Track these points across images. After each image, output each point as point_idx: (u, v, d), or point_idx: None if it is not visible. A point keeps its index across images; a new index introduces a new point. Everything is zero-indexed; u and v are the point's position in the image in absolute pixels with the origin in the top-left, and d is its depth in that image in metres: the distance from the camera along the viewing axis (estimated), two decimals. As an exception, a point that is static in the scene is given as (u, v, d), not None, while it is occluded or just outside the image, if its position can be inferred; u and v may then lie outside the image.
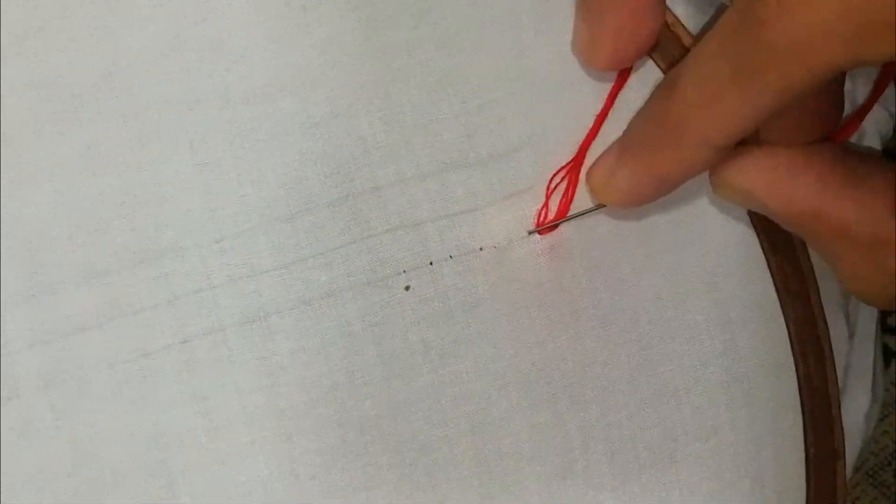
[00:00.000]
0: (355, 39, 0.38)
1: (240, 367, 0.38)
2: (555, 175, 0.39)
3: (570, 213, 0.39)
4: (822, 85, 0.31)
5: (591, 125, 0.39)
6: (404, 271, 0.39)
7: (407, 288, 0.39)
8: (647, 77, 0.39)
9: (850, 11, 0.29)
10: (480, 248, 0.39)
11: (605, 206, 0.39)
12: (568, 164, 0.39)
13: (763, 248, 0.41)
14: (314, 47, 0.38)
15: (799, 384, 0.41)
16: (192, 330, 0.38)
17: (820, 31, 0.29)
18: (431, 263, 0.39)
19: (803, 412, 0.41)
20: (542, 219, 0.39)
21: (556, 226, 0.39)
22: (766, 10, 0.30)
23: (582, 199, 0.39)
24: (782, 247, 0.41)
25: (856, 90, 0.43)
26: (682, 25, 0.39)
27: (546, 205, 0.39)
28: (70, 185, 0.37)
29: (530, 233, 0.39)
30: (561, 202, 0.39)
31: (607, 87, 0.39)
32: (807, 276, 0.41)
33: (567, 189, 0.39)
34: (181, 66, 0.37)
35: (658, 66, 0.39)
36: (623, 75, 0.39)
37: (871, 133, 0.45)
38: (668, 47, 0.39)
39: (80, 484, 0.37)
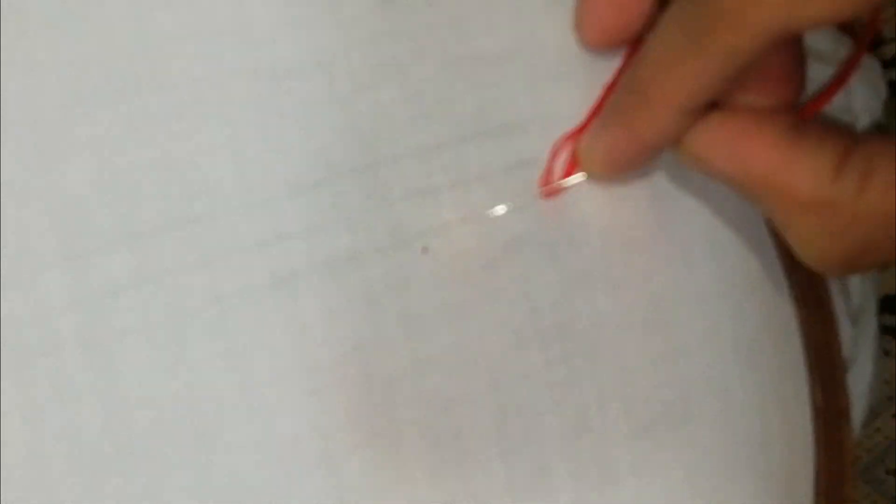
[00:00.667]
0: (376, 20, 0.40)
1: (269, 327, 0.39)
2: (559, 140, 0.41)
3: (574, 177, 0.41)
4: (772, 48, 0.33)
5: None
6: (422, 235, 0.40)
7: (425, 250, 0.40)
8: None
9: None
10: (493, 212, 0.41)
11: None
12: (573, 130, 0.41)
13: (766, 221, 0.43)
14: (339, 27, 0.40)
15: (805, 346, 0.43)
16: (223, 290, 0.39)
17: None
18: (447, 226, 0.41)
19: (810, 372, 0.43)
20: (546, 180, 0.41)
21: (560, 189, 0.41)
22: None
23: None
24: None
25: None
26: None
27: (549, 169, 0.41)
28: (109, 155, 0.39)
29: (536, 196, 0.41)
30: (567, 167, 0.41)
31: (615, 66, 0.41)
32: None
33: (572, 155, 0.41)
34: (212, 46, 0.40)
35: None
36: (632, 49, 0.41)
37: (864, 120, 0.47)
38: None
39: (110, 442, 0.39)
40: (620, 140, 0.39)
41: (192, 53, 0.40)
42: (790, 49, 0.38)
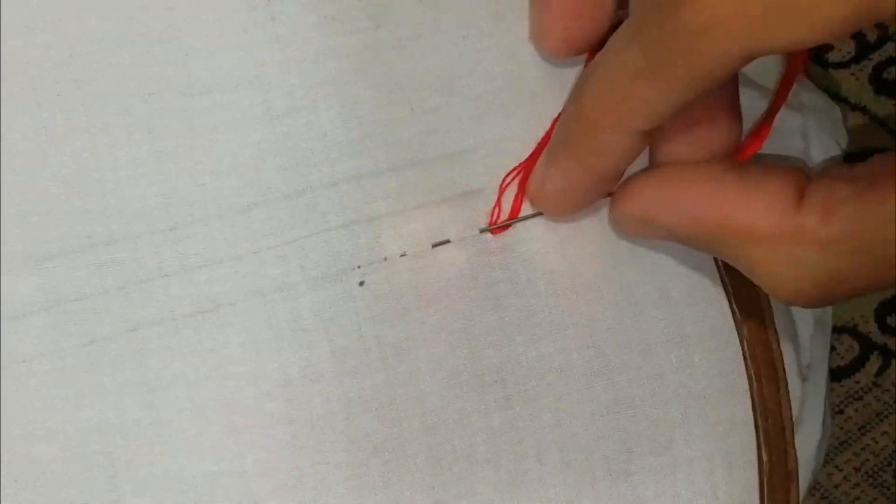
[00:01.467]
0: (317, 37, 0.38)
1: (189, 358, 0.37)
2: (508, 175, 0.39)
3: (522, 214, 0.39)
4: (734, 72, 0.31)
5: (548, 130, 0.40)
6: (359, 266, 0.38)
7: (361, 283, 0.38)
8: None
9: None
10: (434, 245, 0.39)
11: None
12: (521, 164, 0.39)
13: (718, 269, 0.41)
14: (277, 41, 0.38)
15: (753, 404, 0.41)
16: (142, 318, 0.37)
17: (730, 13, 0.30)
18: (386, 259, 0.38)
19: (757, 432, 0.41)
20: (494, 218, 0.39)
21: (508, 226, 0.39)
22: None
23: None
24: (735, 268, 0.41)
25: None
26: None
27: (498, 204, 0.39)
28: (22, 167, 0.37)
29: (482, 231, 0.39)
30: (514, 203, 0.39)
31: (565, 94, 0.40)
32: (762, 297, 0.41)
33: (519, 190, 0.39)
34: (141, 56, 0.38)
35: None
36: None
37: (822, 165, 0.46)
38: None
39: (8, 479, 0.36)
40: (570, 173, 0.37)
41: (118, 63, 0.37)
42: (725, 94, 0.37)
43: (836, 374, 0.90)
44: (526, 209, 0.40)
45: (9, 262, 0.36)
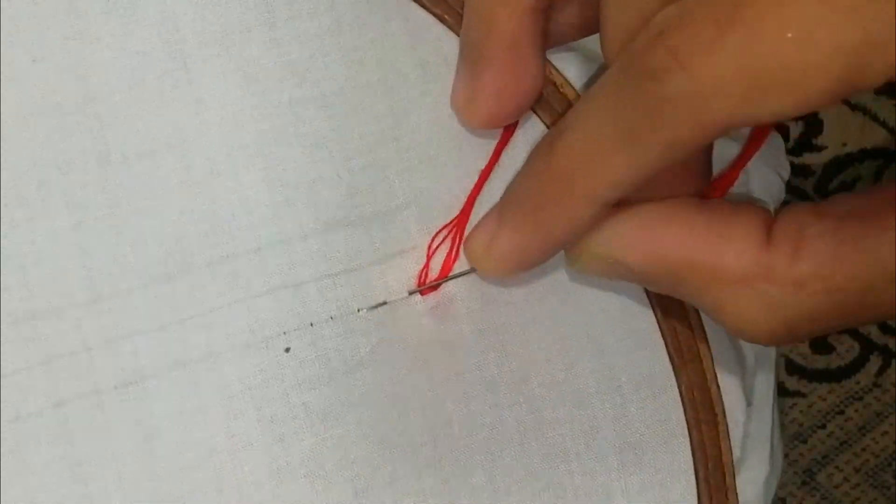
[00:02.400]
0: (237, 97, 0.38)
1: (115, 432, 0.37)
2: (437, 234, 0.39)
3: (452, 272, 0.39)
4: (713, 140, 0.31)
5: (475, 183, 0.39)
6: (284, 333, 0.38)
7: (287, 350, 0.38)
8: (532, 133, 0.39)
9: (746, 67, 0.28)
10: (360, 309, 0.39)
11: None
12: (452, 221, 0.39)
13: (654, 313, 0.41)
14: (196, 104, 0.38)
15: (693, 451, 0.41)
16: (66, 393, 0.37)
17: (715, 86, 0.29)
18: (312, 324, 0.38)
19: (697, 480, 0.41)
20: (423, 279, 0.39)
21: (437, 286, 0.39)
22: (658, 62, 0.30)
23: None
24: (675, 310, 0.41)
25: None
26: (571, 85, 0.39)
27: (427, 264, 0.39)
28: None
29: (411, 293, 0.39)
30: (445, 261, 0.39)
31: (492, 145, 0.39)
32: (699, 340, 0.41)
33: (451, 248, 0.39)
34: (56, 126, 0.37)
35: (543, 122, 0.39)
36: (508, 131, 0.39)
37: (763, 198, 0.45)
38: (554, 104, 0.38)
39: None
40: (528, 238, 0.36)
41: (34, 134, 0.37)
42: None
43: (836, 375, 0.90)
44: (458, 267, 0.39)
45: None
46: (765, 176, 0.45)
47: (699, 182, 0.36)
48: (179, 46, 0.38)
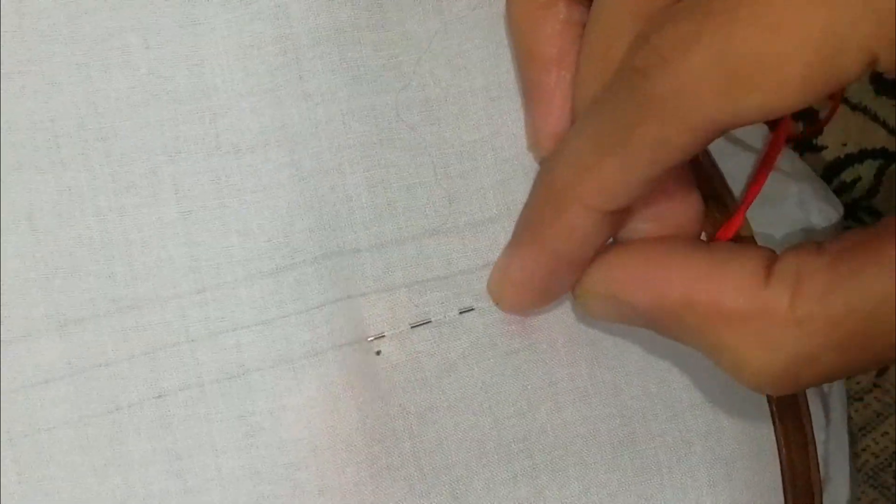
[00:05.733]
0: (345, 97, 0.38)
1: (217, 426, 0.36)
2: None
3: None
4: (702, 145, 0.31)
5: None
6: (380, 336, 0.38)
7: (378, 353, 0.37)
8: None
9: (723, 59, 0.29)
10: (452, 315, 0.38)
11: None
12: None
13: None
14: (305, 100, 0.37)
15: (782, 470, 0.41)
16: (168, 384, 0.36)
17: (696, 80, 0.29)
18: (403, 329, 0.38)
19: (786, 497, 0.41)
20: None
21: None
22: (643, 61, 0.30)
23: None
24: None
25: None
26: None
27: None
28: (46, 228, 0.36)
29: None
30: None
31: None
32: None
33: None
34: (167, 114, 0.37)
35: None
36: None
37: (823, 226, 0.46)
38: None
39: None
40: (535, 260, 0.36)
41: (144, 121, 0.37)
42: (682, 171, 0.36)
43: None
44: None
45: (31, 327, 0.36)
46: (823, 211, 0.46)
47: (689, 211, 0.36)
48: (292, 42, 0.37)
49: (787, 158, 0.46)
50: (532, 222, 0.36)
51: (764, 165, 0.40)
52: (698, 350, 0.35)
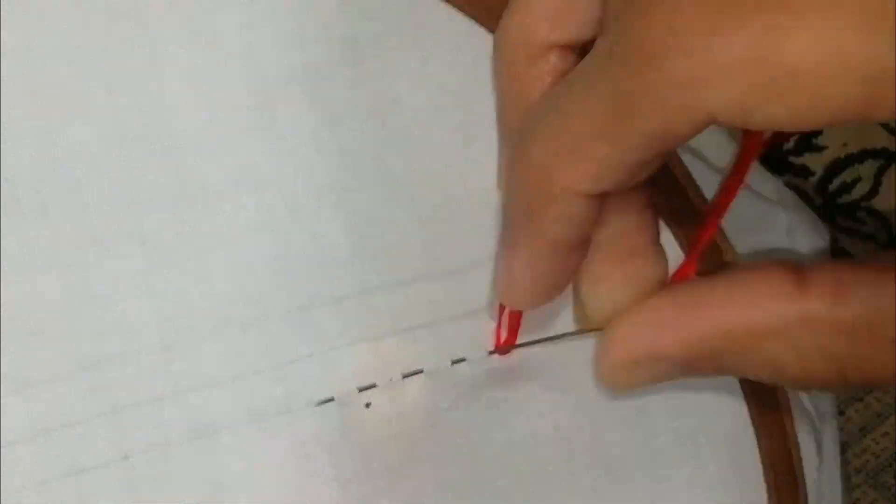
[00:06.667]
0: (318, 138, 0.36)
1: (184, 487, 0.35)
2: None
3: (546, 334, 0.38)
4: (696, 134, 0.28)
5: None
6: (366, 387, 0.36)
7: (367, 405, 0.36)
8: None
9: (759, 60, 0.26)
10: (445, 365, 0.37)
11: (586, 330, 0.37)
12: None
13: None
14: (278, 143, 0.36)
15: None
16: (134, 445, 0.35)
17: (719, 75, 0.26)
18: (392, 379, 0.36)
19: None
20: (498, 339, 0.37)
21: (513, 348, 0.38)
22: (655, 42, 0.27)
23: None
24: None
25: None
26: None
27: (500, 325, 0.37)
28: (6, 285, 0.34)
29: (491, 353, 0.38)
30: (510, 322, 0.37)
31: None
32: (782, 405, 0.39)
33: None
34: (131, 162, 0.35)
35: None
36: None
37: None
38: None
39: None
40: (532, 254, 0.33)
41: (107, 170, 0.35)
42: (646, 231, 0.35)
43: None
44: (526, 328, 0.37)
45: None
46: (810, 238, 0.44)
47: (657, 267, 0.35)
48: (262, 82, 0.36)
49: (772, 186, 0.45)
50: (522, 218, 0.34)
51: (737, 172, 0.38)
52: (752, 376, 0.33)
